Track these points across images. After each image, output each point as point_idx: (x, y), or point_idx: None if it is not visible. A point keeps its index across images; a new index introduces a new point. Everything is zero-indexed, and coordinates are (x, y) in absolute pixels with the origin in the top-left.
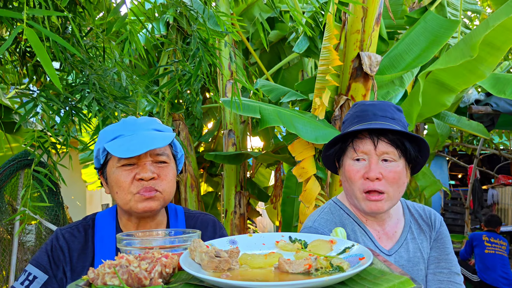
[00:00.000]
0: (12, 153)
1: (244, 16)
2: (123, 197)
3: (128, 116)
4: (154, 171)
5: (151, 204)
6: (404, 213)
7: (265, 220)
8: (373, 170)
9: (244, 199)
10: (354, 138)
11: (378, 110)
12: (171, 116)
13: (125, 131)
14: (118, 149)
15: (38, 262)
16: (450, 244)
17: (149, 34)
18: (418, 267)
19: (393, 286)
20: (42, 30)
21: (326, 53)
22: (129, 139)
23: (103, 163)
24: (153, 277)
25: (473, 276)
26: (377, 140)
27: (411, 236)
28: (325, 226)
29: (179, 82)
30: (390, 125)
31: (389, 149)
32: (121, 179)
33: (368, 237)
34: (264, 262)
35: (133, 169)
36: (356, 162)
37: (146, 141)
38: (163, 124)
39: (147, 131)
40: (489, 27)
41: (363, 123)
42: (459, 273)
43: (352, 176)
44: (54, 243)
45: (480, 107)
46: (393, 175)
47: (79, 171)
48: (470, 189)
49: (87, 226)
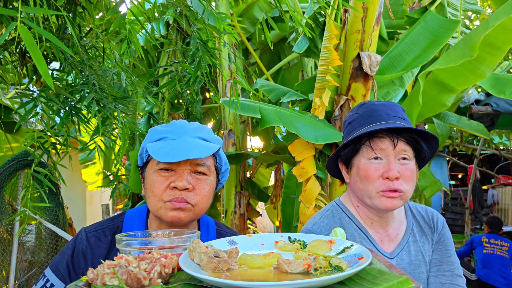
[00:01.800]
0: (12, 153)
1: (244, 16)
2: (155, 203)
3: (180, 119)
4: (190, 182)
5: (181, 215)
6: (407, 215)
7: (265, 220)
8: (393, 169)
9: (244, 199)
10: (371, 137)
11: (389, 110)
12: (171, 116)
13: (170, 134)
14: (158, 152)
15: (57, 269)
16: (452, 246)
17: (148, 35)
18: (419, 269)
19: (392, 286)
20: (36, 28)
21: (326, 53)
22: (172, 143)
23: (144, 162)
24: (152, 277)
25: (472, 275)
26: (397, 139)
27: (413, 238)
28: (323, 231)
29: (179, 83)
30: (407, 125)
31: (407, 148)
32: (156, 184)
33: (369, 241)
34: (263, 262)
35: (170, 176)
36: (374, 161)
37: (187, 148)
38: (213, 134)
39: (192, 138)
40: (489, 27)
41: (379, 123)
42: (462, 275)
43: (370, 175)
44: (77, 247)
45: (480, 107)
46: (410, 173)
47: (79, 171)
48: (470, 189)
49: (114, 228)
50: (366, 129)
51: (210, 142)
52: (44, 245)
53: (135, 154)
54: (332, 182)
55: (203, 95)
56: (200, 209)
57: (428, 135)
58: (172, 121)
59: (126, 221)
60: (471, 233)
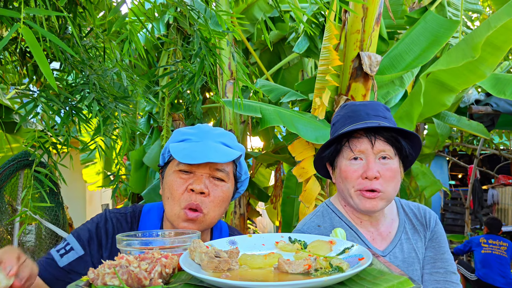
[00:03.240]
0: (12, 153)
1: (244, 16)
2: (172, 207)
3: (205, 124)
4: (207, 186)
5: (191, 226)
6: (399, 213)
7: (265, 220)
8: (372, 169)
9: (244, 199)
10: (350, 138)
11: (370, 110)
12: (171, 116)
13: (194, 137)
14: (179, 153)
15: (79, 235)
16: (445, 243)
17: (149, 34)
18: (413, 267)
19: (392, 286)
20: (39, 29)
21: (326, 53)
22: (194, 146)
23: (166, 162)
24: (153, 277)
25: (471, 275)
26: (374, 138)
27: (405, 236)
28: (312, 231)
29: (181, 82)
30: (386, 124)
31: (386, 147)
32: (174, 186)
33: (361, 239)
34: (264, 263)
35: (188, 178)
36: (353, 162)
37: (208, 152)
38: (236, 141)
39: (214, 142)
40: (490, 27)
41: (357, 123)
42: (456, 272)
43: (349, 176)
44: (101, 224)
45: (480, 107)
46: (390, 173)
47: (80, 171)
48: (470, 189)
49: (134, 219)
50: (343, 130)
51: (231, 149)
52: (44, 245)
53: (136, 154)
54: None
55: (203, 95)
56: (212, 217)
57: (407, 132)
58: (197, 124)
59: (144, 215)
60: (471, 233)
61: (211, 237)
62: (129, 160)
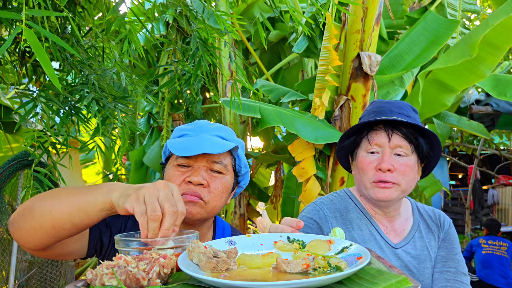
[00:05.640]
0: (12, 153)
1: (244, 16)
2: None
3: (203, 120)
4: (205, 178)
5: (191, 209)
6: (414, 212)
7: (265, 221)
8: (386, 161)
9: (244, 199)
10: (369, 131)
11: (394, 107)
12: (171, 116)
13: (191, 132)
14: (176, 147)
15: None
16: (458, 246)
17: (148, 34)
18: (424, 264)
19: (391, 285)
20: (41, 30)
21: (326, 53)
22: (190, 139)
23: (166, 159)
24: (151, 278)
25: (473, 276)
26: (391, 132)
27: (419, 234)
28: (325, 204)
29: (179, 82)
30: (403, 119)
31: (403, 143)
32: (172, 179)
33: (375, 228)
34: (262, 262)
35: (186, 171)
36: (370, 155)
37: (203, 144)
38: (234, 135)
39: (210, 135)
40: (489, 26)
41: (379, 118)
42: (466, 273)
43: (364, 167)
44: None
45: (480, 107)
46: (405, 168)
47: (79, 171)
48: (471, 189)
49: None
50: (363, 121)
51: (227, 141)
52: None
53: (136, 154)
54: (332, 182)
55: (203, 95)
56: (213, 207)
57: (425, 130)
58: (195, 121)
59: None
60: (471, 233)
61: (214, 236)
62: (129, 160)
